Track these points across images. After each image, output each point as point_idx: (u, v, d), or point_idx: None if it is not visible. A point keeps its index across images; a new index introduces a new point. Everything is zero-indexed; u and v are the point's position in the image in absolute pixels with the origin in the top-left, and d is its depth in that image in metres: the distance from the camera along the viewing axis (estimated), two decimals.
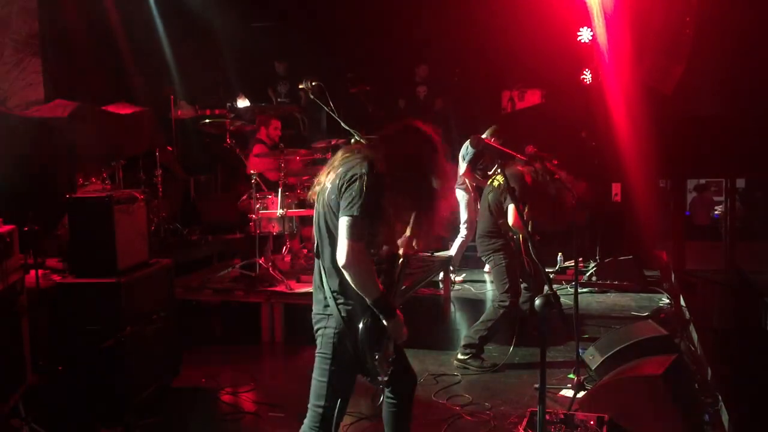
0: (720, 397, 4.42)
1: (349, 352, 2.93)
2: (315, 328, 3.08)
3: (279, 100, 10.68)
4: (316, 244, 3.08)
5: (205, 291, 6.51)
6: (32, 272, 4.45)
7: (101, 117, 7.32)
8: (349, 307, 2.94)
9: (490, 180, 5.85)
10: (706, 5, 8.81)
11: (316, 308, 3.09)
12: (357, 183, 2.85)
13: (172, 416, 4.73)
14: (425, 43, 11.02)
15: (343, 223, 2.83)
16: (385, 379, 3.00)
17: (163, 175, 7.89)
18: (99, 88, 8.08)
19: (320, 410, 2.99)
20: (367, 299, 2.88)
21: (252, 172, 6.71)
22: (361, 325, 2.89)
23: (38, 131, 6.68)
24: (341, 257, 2.83)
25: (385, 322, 2.92)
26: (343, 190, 2.88)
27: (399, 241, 3.17)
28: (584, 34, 10.24)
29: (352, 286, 2.88)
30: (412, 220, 3.08)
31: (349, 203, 2.83)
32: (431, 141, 3.04)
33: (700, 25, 8.93)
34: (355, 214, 2.81)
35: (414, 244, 3.16)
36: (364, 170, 2.87)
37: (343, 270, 2.86)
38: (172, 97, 9.37)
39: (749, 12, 8.38)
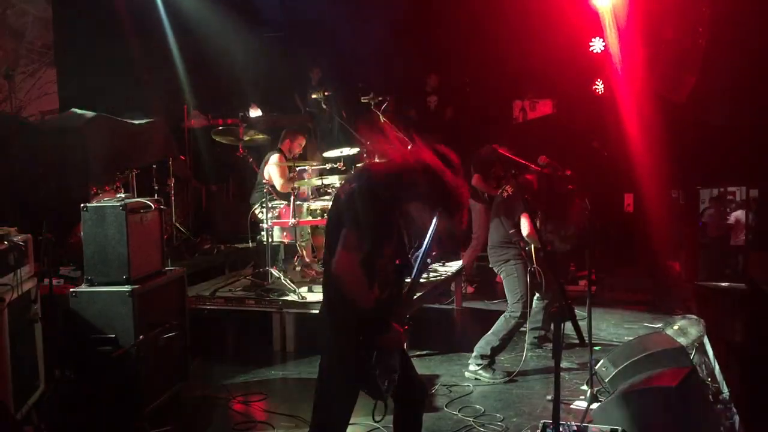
0: (735, 410, 4.37)
1: (352, 363, 2.93)
2: (319, 338, 3.09)
3: (307, 109, 10.67)
4: (324, 253, 3.10)
5: (217, 300, 6.51)
6: (46, 280, 4.48)
7: (115, 126, 7.37)
8: (355, 317, 2.95)
9: (501, 190, 5.84)
10: (719, 15, 8.80)
11: (320, 318, 3.10)
12: (364, 198, 2.91)
13: (183, 425, 4.73)
14: (436, 53, 11.03)
15: (343, 233, 2.88)
16: (387, 393, 2.99)
17: (175, 185, 7.93)
18: (113, 97, 8.14)
19: (324, 422, 2.98)
20: (357, 310, 2.90)
21: (264, 180, 6.73)
22: (362, 337, 2.90)
23: (53, 140, 6.73)
24: (333, 265, 2.89)
25: (378, 335, 2.91)
26: (350, 202, 2.92)
27: (413, 256, 3.18)
28: (596, 45, 10.24)
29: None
30: (429, 234, 3.10)
31: (353, 216, 2.89)
32: (441, 185, 2.97)
33: (713, 35, 8.91)
34: (354, 227, 2.87)
35: (429, 258, 3.16)
36: (374, 187, 2.91)
37: (333, 278, 2.88)
38: (185, 106, 9.42)
39: (762, 21, 8.36)
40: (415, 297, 6.01)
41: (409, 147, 3.16)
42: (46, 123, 7.57)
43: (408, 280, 3.14)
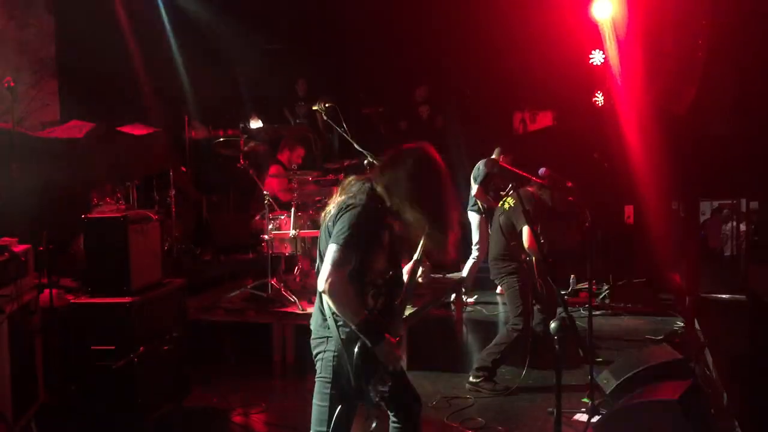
0: (736, 423, 4.36)
1: (347, 374, 2.93)
2: (314, 352, 3.10)
3: (297, 121, 10.71)
4: (317, 266, 3.09)
5: (217, 311, 6.50)
6: (46, 291, 4.48)
7: (116, 138, 7.38)
8: (348, 330, 2.95)
9: (502, 202, 5.84)
10: (718, 27, 8.83)
11: (315, 332, 3.11)
12: (350, 213, 2.92)
13: None
14: (434, 64, 11.07)
15: (330, 249, 2.90)
16: (380, 404, 2.99)
17: (176, 196, 7.93)
18: (114, 109, 8.16)
19: None
20: (350, 324, 2.90)
21: (265, 192, 6.74)
22: (356, 349, 2.90)
23: (54, 152, 6.74)
24: (321, 282, 2.89)
25: (373, 347, 2.91)
26: (338, 217, 2.94)
27: (405, 268, 3.19)
28: (596, 57, 10.27)
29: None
30: (419, 246, 3.10)
31: (339, 231, 2.90)
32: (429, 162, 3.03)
33: (712, 46, 8.94)
34: (341, 243, 2.88)
35: (421, 270, 3.16)
36: (361, 201, 2.94)
37: (322, 295, 2.89)
38: (186, 117, 9.45)
39: (761, 33, 8.38)
40: (415, 309, 6.01)
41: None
42: (47, 134, 7.56)
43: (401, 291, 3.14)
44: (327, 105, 6.78)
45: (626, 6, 9.24)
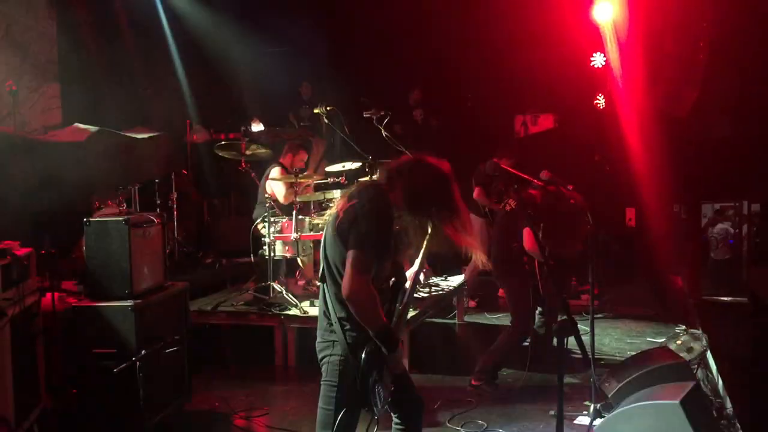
0: (739, 426, 4.35)
1: (354, 378, 2.93)
2: (320, 356, 3.09)
3: (301, 124, 10.72)
4: (321, 270, 3.09)
5: (219, 314, 6.51)
6: (48, 295, 4.49)
7: (118, 141, 7.40)
8: (355, 334, 2.96)
9: (503, 204, 5.84)
10: (719, 30, 8.84)
11: (320, 336, 3.10)
12: (369, 219, 2.90)
13: None
14: (439, 68, 11.08)
15: (351, 255, 2.87)
16: (384, 409, 2.99)
17: (178, 199, 7.94)
18: (116, 112, 8.17)
19: None
20: (369, 330, 2.90)
21: (266, 195, 6.75)
22: (363, 354, 2.90)
23: (56, 155, 6.75)
24: (345, 288, 2.87)
25: (386, 353, 2.92)
26: (354, 222, 2.91)
27: (408, 272, 3.19)
28: (597, 59, 10.29)
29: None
30: (422, 251, 3.11)
31: (359, 237, 2.88)
32: (442, 175, 3.07)
33: (714, 49, 8.95)
34: (364, 248, 2.86)
35: (422, 274, 3.17)
36: (376, 206, 2.92)
37: (346, 300, 2.89)
38: (187, 121, 9.46)
39: (762, 35, 8.39)
40: (417, 312, 6.02)
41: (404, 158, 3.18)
42: (49, 137, 7.59)
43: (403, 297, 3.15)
44: (328, 108, 6.79)
45: (627, 8, 9.26)
